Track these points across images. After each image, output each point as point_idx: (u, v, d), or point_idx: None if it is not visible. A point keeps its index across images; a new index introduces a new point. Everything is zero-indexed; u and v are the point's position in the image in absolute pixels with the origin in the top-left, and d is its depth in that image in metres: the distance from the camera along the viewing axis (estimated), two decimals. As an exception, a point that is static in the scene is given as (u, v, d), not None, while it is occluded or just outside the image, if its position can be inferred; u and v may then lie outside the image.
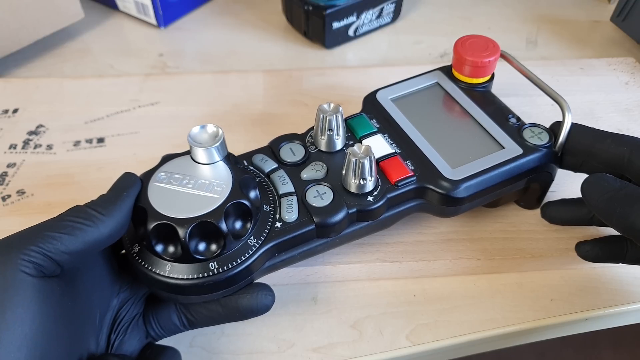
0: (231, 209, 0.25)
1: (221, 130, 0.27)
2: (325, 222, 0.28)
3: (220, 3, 0.60)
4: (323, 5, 0.49)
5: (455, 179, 0.30)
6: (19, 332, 0.20)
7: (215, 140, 0.27)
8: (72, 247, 0.22)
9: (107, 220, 0.23)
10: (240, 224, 0.26)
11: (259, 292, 0.27)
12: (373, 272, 0.33)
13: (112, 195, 0.25)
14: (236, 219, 0.26)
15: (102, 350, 0.25)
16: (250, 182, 0.27)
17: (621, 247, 0.30)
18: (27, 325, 0.20)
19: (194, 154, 0.27)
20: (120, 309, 0.26)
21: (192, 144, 0.27)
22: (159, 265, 0.25)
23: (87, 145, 0.41)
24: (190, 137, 0.27)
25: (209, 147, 0.27)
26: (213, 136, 0.27)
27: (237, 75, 0.48)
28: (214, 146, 0.27)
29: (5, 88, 0.46)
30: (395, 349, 0.30)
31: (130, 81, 0.47)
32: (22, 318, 0.20)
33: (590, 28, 0.56)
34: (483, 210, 0.36)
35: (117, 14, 0.58)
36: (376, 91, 0.36)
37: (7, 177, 0.39)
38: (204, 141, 0.27)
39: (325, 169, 0.31)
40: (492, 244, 0.35)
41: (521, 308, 0.32)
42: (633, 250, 0.30)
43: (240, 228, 0.26)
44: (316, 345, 0.30)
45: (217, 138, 0.27)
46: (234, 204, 0.25)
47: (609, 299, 0.32)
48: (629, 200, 0.26)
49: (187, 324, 0.27)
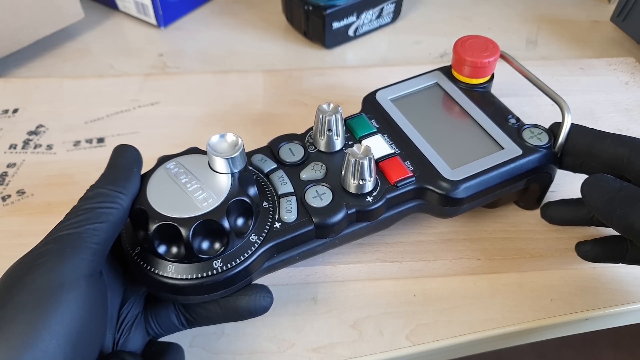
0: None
1: (241, 139, 0.26)
2: (325, 222, 0.28)
3: (220, 3, 0.60)
4: (323, 5, 0.49)
5: (455, 180, 0.30)
6: (65, 329, 0.20)
7: (234, 149, 0.26)
8: (109, 234, 0.23)
9: (126, 198, 0.24)
10: (242, 222, 0.26)
11: (258, 294, 0.27)
12: (373, 272, 0.33)
13: (122, 170, 0.25)
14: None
15: (108, 348, 0.25)
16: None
17: (621, 247, 0.30)
18: (73, 323, 0.20)
19: (211, 162, 0.27)
20: (123, 307, 0.26)
21: (211, 152, 0.26)
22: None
23: (87, 145, 0.41)
24: (209, 146, 0.26)
25: (227, 158, 0.26)
26: (232, 145, 0.26)
27: (237, 75, 0.48)
28: (231, 156, 0.26)
29: (5, 88, 0.46)
30: (395, 349, 0.30)
31: (130, 81, 0.47)
32: (72, 316, 0.20)
33: (590, 28, 0.56)
34: (483, 210, 0.36)
35: (117, 14, 0.58)
36: (375, 91, 0.36)
37: (7, 177, 0.39)
38: (223, 151, 0.26)
39: (324, 169, 0.30)
40: (492, 244, 0.35)
41: (521, 308, 0.32)
42: (633, 251, 0.30)
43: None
44: (316, 345, 0.30)
45: (236, 147, 0.26)
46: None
47: (609, 299, 0.32)
48: (629, 200, 0.26)
49: (186, 324, 0.27)
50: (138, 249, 0.26)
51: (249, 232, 0.26)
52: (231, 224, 0.25)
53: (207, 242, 0.25)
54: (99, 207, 0.23)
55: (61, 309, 0.20)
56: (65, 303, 0.20)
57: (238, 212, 0.26)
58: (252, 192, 0.27)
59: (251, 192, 0.27)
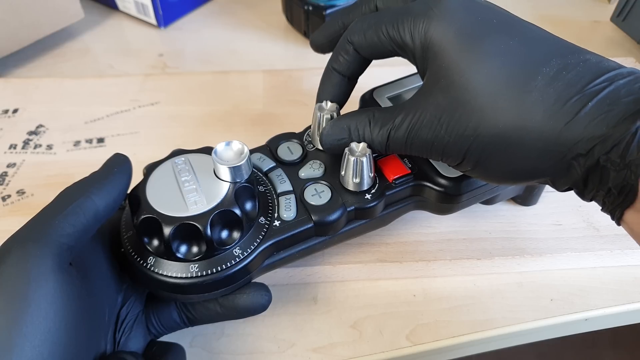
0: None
1: (247, 148, 0.26)
2: (324, 220, 0.28)
3: (220, 3, 0.60)
4: (323, 5, 0.49)
5: (452, 176, 0.30)
6: (43, 326, 0.19)
7: (239, 158, 0.26)
8: (79, 225, 0.22)
9: (101, 193, 0.24)
10: (226, 233, 0.26)
11: (256, 292, 0.27)
12: (373, 272, 0.33)
13: (103, 169, 0.25)
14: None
15: (110, 348, 0.25)
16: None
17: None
18: (51, 320, 0.20)
19: (215, 168, 0.26)
20: (123, 306, 0.26)
21: (214, 159, 0.25)
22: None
23: (87, 145, 0.41)
24: (214, 152, 0.26)
25: (229, 166, 0.25)
26: (238, 154, 0.26)
27: (237, 75, 0.48)
28: (233, 165, 0.25)
29: (5, 88, 0.46)
30: (395, 349, 0.30)
31: (130, 81, 0.47)
32: (47, 312, 0.20)
33: (590, 28, 0.56)
34: (483, 210, 0.36)
35: (117, 14, 0.58)
36: (373, 89, 0.36)
37: (7, 177, 0.39)
38: (227, 159, 0.26)
39: (323, 167, 0.31)
40: (492, 244, 0.34)
41: (521, 308, 0.32)
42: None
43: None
44: (316, 345, 0.30)
45: (241, 156, 0.26)
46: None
47: (609, 299, 0.32)
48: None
49: (188, 322, 0.27)
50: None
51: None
52: (214, 233, 0.25)
53: (185, 245, 0.25)
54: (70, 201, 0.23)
55: (30, 308, 0.19)
56: (33, 301, 0.19)
57: (224, 223, 0.26)
58: (248, 205, 0.27)
59: (247, 205, 0.27)
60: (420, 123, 0.25)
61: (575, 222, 0.35)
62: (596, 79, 0.22)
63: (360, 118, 0.28)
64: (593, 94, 0.22)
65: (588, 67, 0.22)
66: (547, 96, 0.22)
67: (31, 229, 0.22)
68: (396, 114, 0.26)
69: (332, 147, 0.29)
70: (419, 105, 0.25)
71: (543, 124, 0.22)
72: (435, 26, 0.25)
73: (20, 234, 0.21)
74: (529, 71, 0.23)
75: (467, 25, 0.24)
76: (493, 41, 0.24)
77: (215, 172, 0.26)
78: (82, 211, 0.22)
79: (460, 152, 0.24)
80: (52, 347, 0.19)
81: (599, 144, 0.21)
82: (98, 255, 0.25)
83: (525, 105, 0.22)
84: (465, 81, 0.24)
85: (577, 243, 0.34)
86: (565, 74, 0.22)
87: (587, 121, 0.21)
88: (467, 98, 0.23)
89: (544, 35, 0.25)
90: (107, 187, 0.24)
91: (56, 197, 0.23)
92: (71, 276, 0.21)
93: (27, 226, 0.22)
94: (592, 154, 0.21)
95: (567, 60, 0.23)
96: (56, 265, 0.21)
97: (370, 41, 0.28)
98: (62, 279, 0.21)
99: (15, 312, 0.19)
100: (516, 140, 0.23)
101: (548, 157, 0.23)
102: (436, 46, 0.25)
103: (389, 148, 0.27)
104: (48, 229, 0.21)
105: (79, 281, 0.22)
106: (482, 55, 0.24)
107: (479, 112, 0.23)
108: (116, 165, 0.25)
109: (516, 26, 0.25)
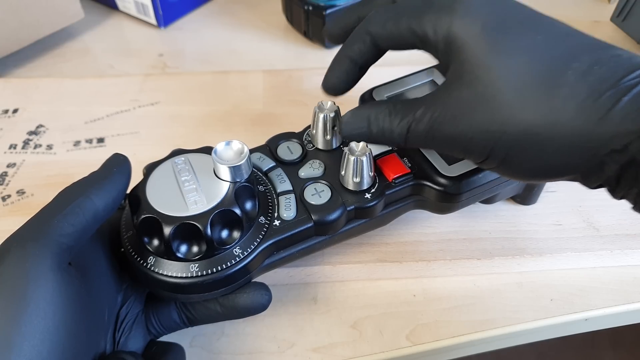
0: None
1: (247, 148, 0.26)
2: (324, 219, 0.28)
3: (220, 3, 0.60)
4: (323, 5, 0.49)
5: (452, 176, 0.30)
6: (42, 326, 0.19)
7: (239, 158, 0.26)
8: (78, 225, 0.22)
9: (100, 193, 0.24)
10: (226, 233, 0.26)
11: (256, 292, 0.27)
12: (373, 272, 0.33)
13: (101, 169, 0.25)
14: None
15: (109, 348, 0.25)
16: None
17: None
18: (50, 319, 0.20)
19: (215, 168, 0.26)
20: (123, 306, 0.26)
21: (214, 159, 0.25)
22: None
23: (87, 145, 0.41)
24: (214, 152, 0.26)
25: (229, 165, 0.25)
26: (238, 154, 0.26)
27: (237, 75, 0.48)
28: (233, 165, 0.25)
29: (5, 88, 0.46)
30: (395, 349, 0.30)
31: (130, 81, 0.47)
32: (45, 311, 0.20)
33: (590, 28, 0.56)
34: (483, 210, 0.36)
35: (117, 14, 0.58)
36: (372, 89, 0.36)
37: (7, 177, 0.39)
38: (227, 158, 0.26)
39: (322, 167, 0.31)
40: (492, 243, 0.34)
41: (521, 308, 0.32)
42: None
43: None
44: (316, 345, 0.30)
45: (241, 156, 0.26)
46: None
47: (609, 299, 0.32)
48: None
49: (187, 322, 0.27)
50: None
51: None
52: (214, 233, 0.25)
53: (186, 245, 0.25)
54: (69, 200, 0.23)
55: (29, 308, 0.19)
56: (32, 301, 0.19)
57: (224, 222, 0.26)
58: (248, 205, 0.27)
59: (247, 205, 0.27)
60: (442, 117, 0.24)
61: (575, 222, 0.35)
62: (629, 73, 0.21)
63: (380, 108, 0.27)
64: (627, 88, 0.21)
65: (620, 62, 0.22)
66: (578, 91, 0.22)
67: (30, 228, 0.22)
68: (417, 107, 0.25)
69: (351, 136, 0.28)
70: (441, 99, 0.25)
71: (575, 119, 0.21)
72: (460, 20, 0.24)
73: (20, 233, 0.21)
74: (557, 66, 0.22)
75: (493, 20, 0.24)
76: (519, 36, 0.24)
77: (215, 172, 0.26)
78: (81, 211, 0.22)
79: (485, 149, 0.24)
80: (51, 347, 0.19)
81: (635, 140, 0.20)
82: (97, 255, 0.25)
83: (555, 100, 0.22)
84: (492, 76, 0.23)
85: (577, 243, 0.34)
86: (597, 69, 0.22)
87: (622, 116, 0.21)
88: (494, 93, 0.23)
89: (570, 31, 0.24)
90: (107, 187, 0.24)
91: (55, 197, 0.23)
92: (70, 276, 0.21)
93: (26, 226, 0.22)
94: (627, 150, 0.21)
95: (599, 56, 0.22)
96: (55, 264, 0.21)
97: (390, 33, 0.27)
98: (62, 278, 0.21)
99: (15, 312, 0.19)
100: (546, 136, 0.22)
101: (580, 153, 0.22)
102: (460, 40, 0.24)
103: (408, 141, 0.26)
104: (47, 229, 0.21)
105: (78, 281, 0.22)
106: (509, 50, 0.23)
107: (507, 107, 0.23)
108: (115, 165, 0.25)
109: (542, 22, 0.25)
